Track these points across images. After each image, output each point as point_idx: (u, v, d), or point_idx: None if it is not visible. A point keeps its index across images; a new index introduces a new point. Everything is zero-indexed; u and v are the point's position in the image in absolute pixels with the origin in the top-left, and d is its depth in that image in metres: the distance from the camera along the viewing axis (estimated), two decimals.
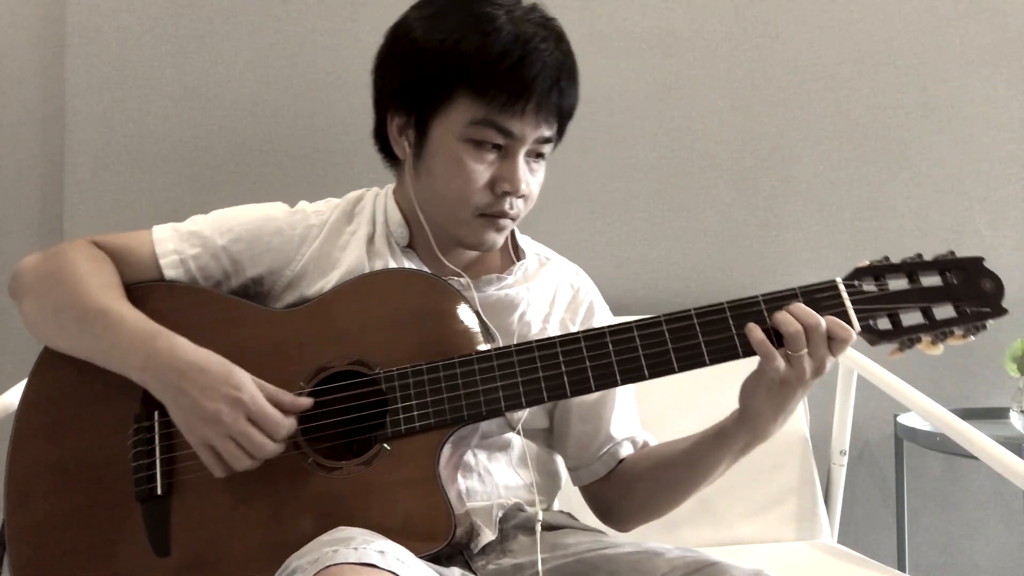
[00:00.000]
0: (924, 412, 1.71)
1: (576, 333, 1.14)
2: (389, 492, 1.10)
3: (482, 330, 1.17)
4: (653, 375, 1.11)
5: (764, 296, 1.11)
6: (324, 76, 2.06)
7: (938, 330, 1.11)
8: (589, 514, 1.37)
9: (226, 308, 1.24)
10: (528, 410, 1.22)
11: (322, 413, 1.14)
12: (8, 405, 1.45)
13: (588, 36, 2.13)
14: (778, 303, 1.10)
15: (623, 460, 1.32)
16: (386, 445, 1.12)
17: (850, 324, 1.09)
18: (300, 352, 1.17)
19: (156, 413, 1.16)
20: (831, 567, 1.75)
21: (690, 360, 1.11)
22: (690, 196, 2.21)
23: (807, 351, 1.07)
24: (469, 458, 1.23)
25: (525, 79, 1.16)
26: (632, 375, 1.12)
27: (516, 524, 1.23)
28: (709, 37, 2.21)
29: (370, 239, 1.29)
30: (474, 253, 1.30)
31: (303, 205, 1.34)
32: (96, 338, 1.17)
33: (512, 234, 1.35)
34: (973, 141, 2.31)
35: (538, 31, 1.18)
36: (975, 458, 1.60)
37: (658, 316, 1.12)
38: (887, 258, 1.13)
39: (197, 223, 1.30)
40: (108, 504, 1.16)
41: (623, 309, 1.60)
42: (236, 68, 2.04)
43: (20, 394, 1.24)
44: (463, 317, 1.17)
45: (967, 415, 1.82)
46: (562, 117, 1.23)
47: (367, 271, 1.25)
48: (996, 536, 2.35)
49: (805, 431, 1.99)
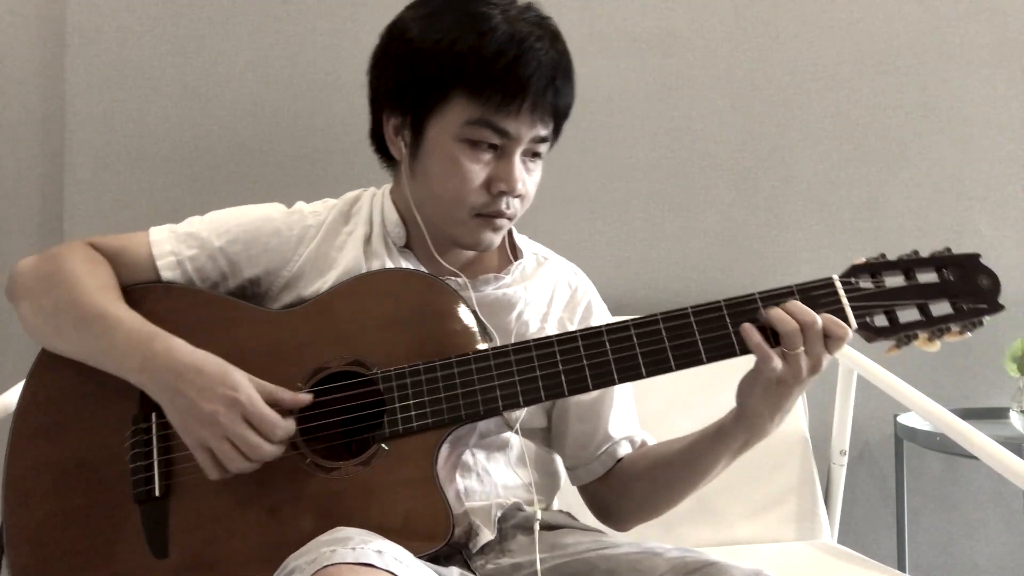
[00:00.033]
0: (924, 412, 1.70)
1: (573, 332, 1.13)
2: (387, 492, 1.10)
3: (480, 330, 1.17)
4: (651, 373, 1.11)
5: (761, 294, 1.11)
6: (324, 76, 2.06)
7: (935, 327, 1.10)
8: (588, 514, 1.36)
9: (223, 309, 1.23)
10: (526, 409, 1.22)
11: (320, 413, 1.14)
12: (6, 406, 1.45)
13: (588, 36, 2.13)
14: (774, 301, 1.10)
15: (621, 459, 1.32)
16: (384, 445, 1.12)
17: (847, 321, 1.09)
18: (298, 353, 1.17)
19: (154, 415, 1.16)
20: (831, 567, 1.74)
21: (687, 358, 1.11)
22: (690, 196, 2.21)
23: (803, 349, 1.07)
24: (467, 458, 1.23)
25: (520, 79, 1.16)
26: (630, 374, 1.11)
27: (515, 524, 1.23)
28: (709, 37, 2.21)
29: (367, 239, 1.29)
30: (471, 253, 1.30)
31: (300, 206, 1.33)
32: (93, 340, 1.16)
33: (509, 234, 1.34)
34: (973, 141, 2.30)
35: (533, 30, 1.18)
36: (975, 458, 1.59)
37: (655, 315, 1.12)
38: (883, 255, 1.12)
39: (194, 224, 1.30)
40: (106, 505, 1.16)
41: (623, 309, 1.60)
42: (236, 68, 2.04)
43: (18, 395, 1.24)
44: (461, 317, 1.17)
45: (967, 415, 1.81)
46: (558, 116, 1.22)
47: (364, 271, 1.25)
48: (996, 536, 2.34)
49: (805, 431, 1.98)
